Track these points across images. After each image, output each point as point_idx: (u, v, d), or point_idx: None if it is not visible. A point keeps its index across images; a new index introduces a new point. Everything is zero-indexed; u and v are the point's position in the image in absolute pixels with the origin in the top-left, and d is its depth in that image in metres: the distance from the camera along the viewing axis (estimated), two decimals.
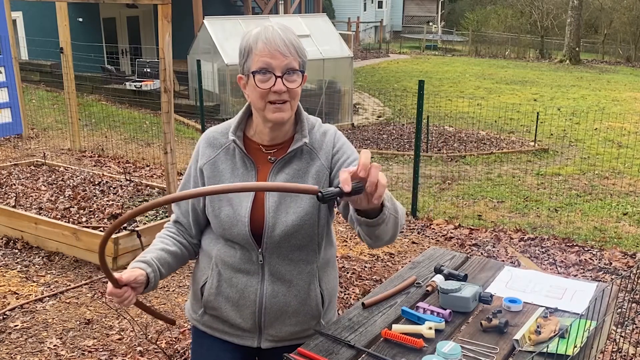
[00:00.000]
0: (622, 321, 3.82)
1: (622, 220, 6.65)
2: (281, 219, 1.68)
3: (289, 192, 1.48)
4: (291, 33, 1.63)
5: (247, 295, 1.73)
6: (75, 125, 8.34)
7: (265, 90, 1.59)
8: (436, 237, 5.55)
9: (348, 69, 13.49)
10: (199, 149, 1.77)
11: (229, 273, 1.74)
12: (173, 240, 1.80)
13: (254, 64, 1.59)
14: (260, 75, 1.58)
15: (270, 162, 1.71)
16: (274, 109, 1.61)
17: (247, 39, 1.62)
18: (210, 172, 1.73)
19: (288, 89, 1.60)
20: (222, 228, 1.71)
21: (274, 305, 1.73)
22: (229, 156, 1.73)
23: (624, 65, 26.93)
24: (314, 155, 1.72)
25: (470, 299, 1.85)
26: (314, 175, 1.70)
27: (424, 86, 5.95)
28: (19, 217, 4.84)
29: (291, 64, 1.59)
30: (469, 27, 33.28)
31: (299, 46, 1.62)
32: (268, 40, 1.58)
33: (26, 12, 14.89)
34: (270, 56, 1.57)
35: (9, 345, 3.42)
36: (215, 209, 1.72)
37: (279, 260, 1.71)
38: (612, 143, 11.17)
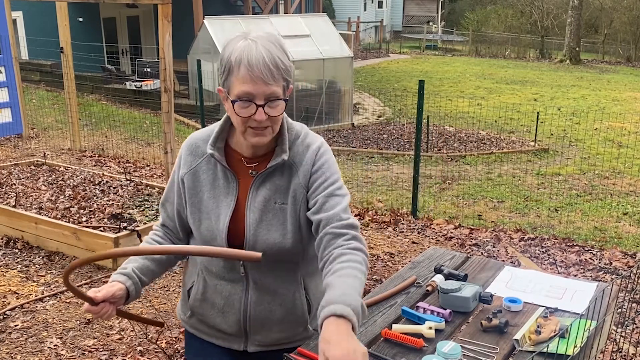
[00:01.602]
0: (622, 321, 3.82)
1: (622, 220, 6.65)
2: (262, 237, 1.62)
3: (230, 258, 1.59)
4: (278, 50, 1.50)
5: (231, 302, 1.69)
6: (76, 125, 8.34)
7: (245, 118, 1.52)
8: (436, 237, 5.55)
9: (348, 69, 13.49)
10: (181, 156, 1.70)
11: (214, 280, 1.71)
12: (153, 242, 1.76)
13: (234, 89, 1.50)
14: (241, 102, 1.50)
15: (251, 176, 1.65)
16: (254, 133, 1.55)
17: (229, 55, 1.50)
18: (191, 182, 1.67)
19: (269, 117, 1.53)
20: (202, 240, 1.67)
21: (259, 313, 1.70)
22: (211, 166, 1.65)
23: (624, 65, 26.92)
24: (294, 170, 1.64)
25: (470, 299, 1.85)
26: (292, 193, 1.63)
27: (424, 86, 5.95)
28: (19, 217, 4.85)
29: (274, 92, 1.51)
30: (469, 27, 33.27)
31: (285, 67, 1.51)
32: (251, 66, 1.47)
33: (26, 11, 14.89)
34: (252, 83, 1.48)
35: (9, 345, 3.43)
36: (195, 221, 1.67)
37: (262, 272, 1.67)
38: (612, 143, 11.17)
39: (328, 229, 1.56)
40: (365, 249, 1.56)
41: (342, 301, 1.35)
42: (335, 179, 1.64)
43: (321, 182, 1.62)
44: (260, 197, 1.62)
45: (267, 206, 1.62)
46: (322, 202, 1.60)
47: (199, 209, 1.66)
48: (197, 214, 1.66)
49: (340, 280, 1.43)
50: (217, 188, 1.64)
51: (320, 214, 1.59)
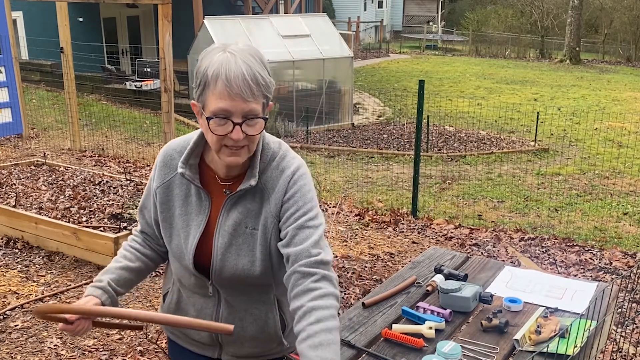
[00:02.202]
0: (622, 321, 3.82)
1: (622, 220, 6.65)
2: (230, 262, 1.54)
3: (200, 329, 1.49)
4: (258, 65, 1.40)
5: (203, 316, 1.63)
6: (76, 125, 8.34)
7: (221, 136, 1.42)
8: (436, 237, 5.55)
9: (348, 69, 13.49)
10: (156, 166, 1.61)
11: (187, 292, 1.67)
12: (137, 254, 1.67)
13: (210, 104, 1.39)
14: (217, 120, 1.39)
15: (225, 194, 1.56)
16: (229, 152, 1.44)
17: (206, 69, 1.40)
18: (164, 196, 1.58)
19: (247, 135, 1.42)
20: (173, 256, 1.62)
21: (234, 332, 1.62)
22: (184, 181, 1.56)
23: (624, 65, 26.92)
24: (265, 196, 1.53)
25: (470, 299, 1.85)
26: (263, 221, 1.53)
27: (424, 86, 5.95)
28: (19, 217, 4.84)
29: (253, 109, 1.39)
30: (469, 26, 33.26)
31: (265, 83, 1.41)
32: (229, 81, 1.36)
33: (26, 12, 14.89)
34: (229, 100, 1.37)
35: (9, 345, 3.43)
36: (166, 236, 1.61)
37: (232, 293, 1.60)
38: (612, 143, 11.17)
39: (296, 266, 1.46)
40: (335, 290, 1.45)
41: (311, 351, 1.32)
42: (308, 208, 1.51)
43: (292, 213, 1.50)
44: (231, 220, 1.54)
45: (237, 230, 1.54)
46: (292, 234, 1.49)
47: (170, 224, 1.59)
48: (168, 230, 1.60)
49: (315, 354, 1.33)
50: (189, 205, 1.56)
51: (289, 248, 1.48)
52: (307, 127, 11.99)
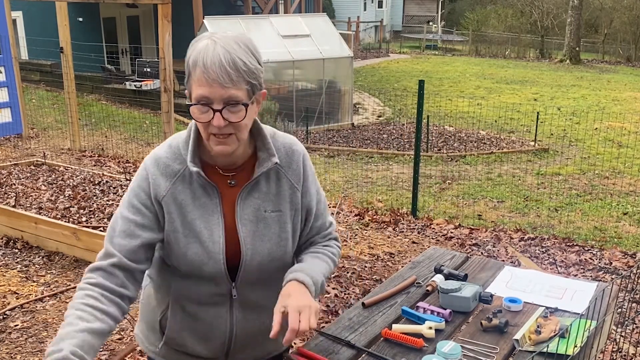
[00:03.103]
0: (622, 321, 3.82)
1: (622, 220, 6.65)
2: (258, 248, 1.54)
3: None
4: (241, 51, 1.39)
5: (216, 326, 1.58)
6: (75, 125, 8.34)
7: (205, 124, 1.41)
8: (436, 237, 5.55)
9: (348, 69, 13.49)
10: (150, 177, 1.50)
11: (194, 308, 1.57)
12: (99, 312, 1.38)
13: (193, 92, 1.40)
14: (199, 106, 1.39)
15: (230, 186, 1.54)
16: (217, 141, 1.43)
17: (189, 55, 1.41)
18: (174, 205, 1.49)
19: (230, 123, 1.40)
20: (189, 267, 1.51)
21: (246, 331, 1.62)
22: (186, 184, 1.50)
23: (624, 65, 26.92)
24: (281, 174, 1.57)
25: (470, 299, 1.85)
26: (288, 199, 1.57)
27: (424, 86, 5.95)
28: (19, 217, 4.84)
29: (233, 95, 1.38)
30: (469, 26, 33.27)
31: (249, 68, 1.39)
32: (206, 67, 1.36)
33: (26, 11, 14.89)
34: (207, 86, 1.37)
35: (9, 345, 3.42)
36: (181, 247, 1.50)
37: (252, 288, 1.58)
38: (612, 143, 11.17)
39: (316, 238, 1.67)
40: (339, 242, 1.73)
41: (305, 272, 1.53)
42: (318, 182, 1.65)
43: (314, 191, 1.62)
44: (250, 207, 1.53)
45: (257, 216, 1.54)
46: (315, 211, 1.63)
47: (186, 234, 1.49)
48: (183, 240, 1.49)
49: (311, 259, 1.61)
50: (202, 207, 1.51)
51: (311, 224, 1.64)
52: (307, 127, 11.99)
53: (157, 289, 1.63)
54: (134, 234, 1.47)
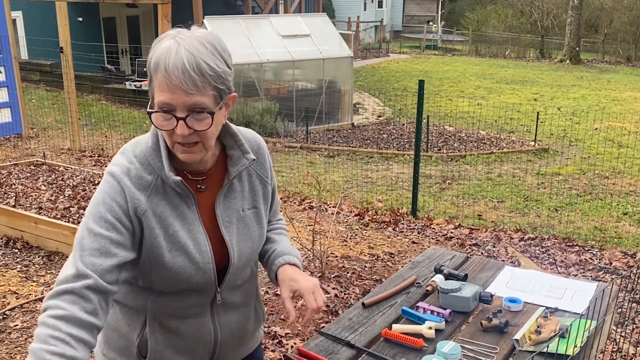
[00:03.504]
0: (622, 321, 3.82)
1: (622, 220, 6.64)
2: (243, 249, 1.50)
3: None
4: (207, 53, 1.28)
5: (200, 337, 1.51)
6: (75, 124, 8.34)
7: (169, 132, 1.31)
8: (436, 237, 5.54)
9: (348, 69, 13.49)
10: (126, 190, 1.35)
11: (175, 323, 1.48)
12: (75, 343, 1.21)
13: (155, 97, 1.29)
14: (161, 114, 1.29)
15: (200, 191, 1.45)
16: (182, 149, 1.33)
17: (151, 56, 1.30)
18: (154, 220, 1.37)
19: (195, 131, 1.30)
20: (174, 282, 1.41)
21: (230, 334, 1.56)
22: (161, 195, 1.38)
23: (624, 65, 26.92)
24: (251, 170, 1.53)
25: (470, 299, 1.84)
26: (261, 193, 1.55)
27: (424, 86, 5.95)
28: (19, 217, 4.84)
29: (197, 102, 1.27)
30: (469, 26, 33.26)
31: (216, 73, 1.29)
32: (168, 72, 1.25)
33: (26, 11, 14.89)
34: (169, 92, 1.26)
35: (9, 345, 3.42)
36: (166, 263, 1.38)
37: (233, 290, 1.54)
38: (612, 143, 11.17)
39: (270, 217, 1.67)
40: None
41: (290, 254, 1.59)
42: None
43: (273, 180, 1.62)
44: (230, 209, 1.48)
45: (237, 217, 1.50)
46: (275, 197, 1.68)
47: (170, 248, 1.39)
48: (167, 254, 1.38)
49: (278, 237, 1.67)
50: (181, 217, 1.41)
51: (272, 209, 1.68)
52: (307, 127, 11.98)
53: (126, 313, 1.49)
54: (109, 252, 1.31)
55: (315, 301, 1.47)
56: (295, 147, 10.78)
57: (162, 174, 1.37)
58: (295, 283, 1.50)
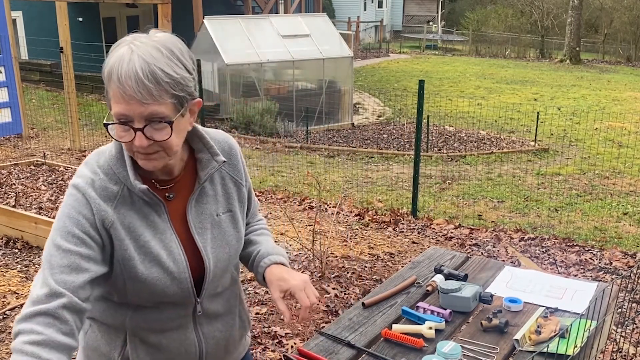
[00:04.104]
0: (622, 321, 3.82)
1: (622, 220, 6.64)
2: (219, 254, 1.44)
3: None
4: (163, 59, 1.22)
5: (184, 349, 1.45)
6: (75, 124, 8.34)
7: (128, 143, 1.26)
8: (436, 237, 5.54)
9: (348, 69, 13.49)
10: (91, 202, 1.29)
11: (156, 337, 1.42)
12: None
13: (112, 108, 1.24)
14: (117, 125, 1.23)
15: (169, 200, 1.39)
16: (143, 157, 1.28)
17: (105, 64, 1.24)
18: (122, 232, 1.32)
19: (155, 141, 1.24)
20: (149, 294, 1.35)
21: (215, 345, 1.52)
22: (128, 205, 1.33)
23: (624, 65, 26.92)
24: (223, 172, 1.48)
25: (470, 299, 1.84)
26: (236, 196, 1.50)
27: (424, 86, 5.95)
28: (19, 217, 4.84)
29: (154, 112, 1.21)
30: (469, 26, 33.26)
31: (174, 79, 1.22)
32: (121, 82, 1.19)
33: (26, 11, 14.89)
34: (124, 103, 1.21)
35: (9, 345, 3.42)
36: (139, 275, 1.32)
37: (213, 299, 1.48)
38: (612, 143, 11.17)
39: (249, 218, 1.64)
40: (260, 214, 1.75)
41: (275, 253, 1.57)
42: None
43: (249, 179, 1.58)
44: (202, 215, 1.43)
45: (212, 222, 1.44)
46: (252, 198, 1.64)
47: (142, 259, 1.33)
48: (141, 267, 1.33)
49: (260, 237, 1.63)
50: (152, 226, 1.35)
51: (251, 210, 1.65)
52: (307, 127, 11.98)
53: (105, 331, 1.44)
54: (80, 267, 1.25)
55: (307, 298, 1.45)
56: (295, 147, 10.78)
57: (127, 183, 1.32)
58: (285, 283, 1.47)
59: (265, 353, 3.32)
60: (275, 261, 1.53)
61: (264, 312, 3.78)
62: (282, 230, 5.35)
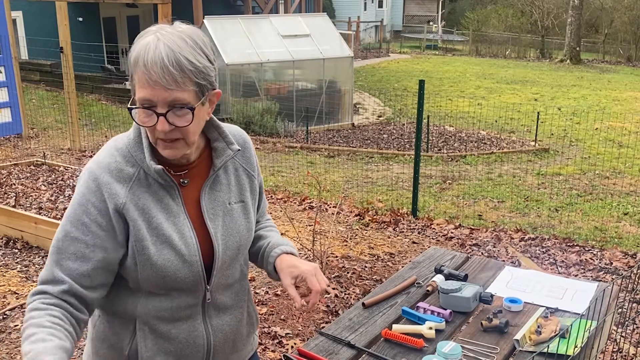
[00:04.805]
0: (622, 321, 3.81)
1: (622, 220, 6.64)
2: (228, 243, 1.47)
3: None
4: (188, 48, 1.27)
5: (192, 341, 1.46)
6: (75, 124, 8.34)
7: (151, 128, 1.31)
8: (436, 237, 5.54)
9: (348, 69, 13.49)
10: (102, 188, 1.33)
11: (165, 327, 1.43)
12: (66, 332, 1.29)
13: (135, 93, 1.29)
14: (142, 110, 1.28)
15: (183, 185, 1.43)
16: (164, 145, 1.33)
17: (131, 52, 1.29)
18: (135, 212, 1.35)
19: (177, 127, 1.29)
20: (161, 278, 1.37)
21: (223, 339, 1.52)
22: (144, 188, 1.37)
23: (624, 65, 26.92)
24: (237, 163, 1.52)
25: (470, 299, 1.84)
26: (248, 187, 1.54)
27: (424, 86, 5.94)
28: (19, 217, 4.84)
29: (177, 98, 1.27)
30: (469, 26, 33.26)
31: (196, 68, 1.28)
32: (147, 68, 1.24)
33: (26, 11, 14.89)
34: (149, 88, 1.25)
35: (9, 345, 3.42)
36: (151, 256, 1.35)
37: (223, 289, 1.50)
38: (612, 143, 11.17)
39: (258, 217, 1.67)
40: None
41: (285, 244, 1.59)
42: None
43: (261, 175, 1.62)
44: (215, 202, 1.46)
45: (224, 210, 1.47)
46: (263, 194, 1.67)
47: (154, 241, 1.36)
48: (153, 248, 1.35)
49: (272, 233, 1.66)
50: (166, 209, 1.38)
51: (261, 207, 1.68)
52: (307, 127, 11.98)
53: (114, 322, 1.46)
54: (85, 256, 1.32)
55: (318, 283, 1.47)
56: (295, 147, 10.77)
57: (143, 165, 1.36)
58: (296, 269, 1.50)
59: (265, 353, 3.32)
60: (285, 251, 1.57)
61: (264, 312, 3.78)
62: (282, 230, 5.35)
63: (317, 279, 1.47)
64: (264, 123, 11.58)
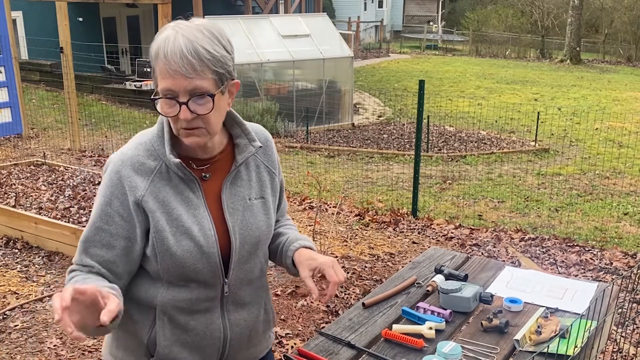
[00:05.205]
0: (622, 321, 3.81)
1: (622, 220, 6.64)
2: (246, 238, 1.50)
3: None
4: (205, 39, 1.33)
5: (209, 334, 1.50)
6: (75, 125, 8.34)
7: (173, 117, 1.36)
8: (437, 237, 5.54)
9: (348, 69, 13.49)
10: (124, 181, 1.40)
11: (183, 318, 1.48)
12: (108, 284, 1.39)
13: (159, 85, 1.35)
14: (164, 100, 1.34)
15: (204, 179, 1.47)
16: (186, 133, 1.38)
17: (152, 47, 1.36)
18: (155, 204, 1.41)
19: (198, 115, 1.35)
20: (181, 268, 1.42)
21: (240, 333, 1.56)
22: (165, 181, 1.42)
23: (624, 65, 26.91)
24: (258, 161, 1.56)
25: (470, 299, 1.84)
26: (269, 184, 1.57)
27: (424, 86, 5.94)
28: (19, 217, 4.84)
29: (198, 86, 1.32)
30: (469, 26, 33.25)
31: (214, 57, 1.33)
32: (167, 59, 1.31)
33: (26, 11, 14.88)
34: (170, 78, 1.32)
35: (9, 345, 3.42)
36: (171, 247, 1.40)
37: (241, 284, 1.53)
38: (612, 143, 11.16)
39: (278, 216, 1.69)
40: None
41: (303, 238, 1.63)
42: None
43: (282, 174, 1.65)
44: (235, 196, 1.50)
45: (244, 205, 1.51)
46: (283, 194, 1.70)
47: (173, 232, 1.41)
48: (172, 239, 1.41)
49: (289, 230, 1.69)
50: (186, 202, 1.44)
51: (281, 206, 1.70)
52: (307, 127, 11.98)
53: (135, 309, 1.50)
54: (110, 244, 1.41)
55: (335, 275, 1.49)
56: (295, 147, 10.77)
57: (165, 159, 1.42)
58: (314, 261, 1.52)
59: None
60: (303, 245, 1.60)
61: None
62: None
63: (335, 271, 1.50)
64: (264, 123, 11.56)
